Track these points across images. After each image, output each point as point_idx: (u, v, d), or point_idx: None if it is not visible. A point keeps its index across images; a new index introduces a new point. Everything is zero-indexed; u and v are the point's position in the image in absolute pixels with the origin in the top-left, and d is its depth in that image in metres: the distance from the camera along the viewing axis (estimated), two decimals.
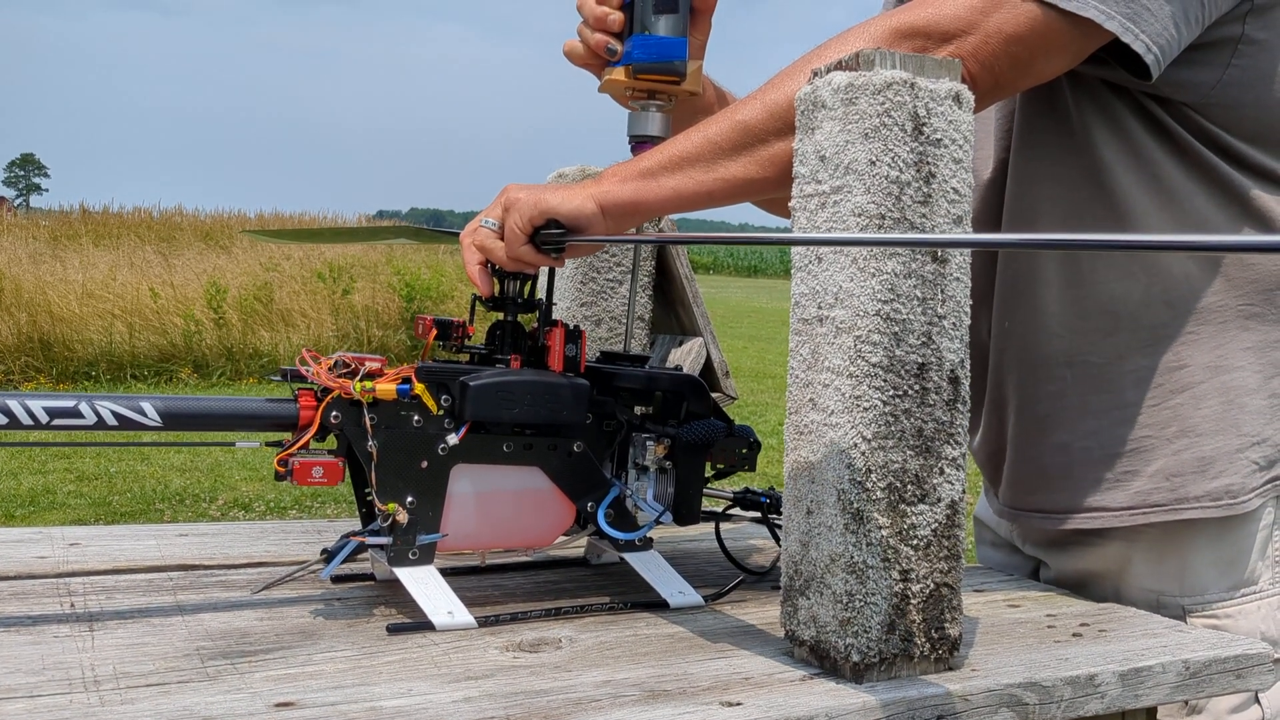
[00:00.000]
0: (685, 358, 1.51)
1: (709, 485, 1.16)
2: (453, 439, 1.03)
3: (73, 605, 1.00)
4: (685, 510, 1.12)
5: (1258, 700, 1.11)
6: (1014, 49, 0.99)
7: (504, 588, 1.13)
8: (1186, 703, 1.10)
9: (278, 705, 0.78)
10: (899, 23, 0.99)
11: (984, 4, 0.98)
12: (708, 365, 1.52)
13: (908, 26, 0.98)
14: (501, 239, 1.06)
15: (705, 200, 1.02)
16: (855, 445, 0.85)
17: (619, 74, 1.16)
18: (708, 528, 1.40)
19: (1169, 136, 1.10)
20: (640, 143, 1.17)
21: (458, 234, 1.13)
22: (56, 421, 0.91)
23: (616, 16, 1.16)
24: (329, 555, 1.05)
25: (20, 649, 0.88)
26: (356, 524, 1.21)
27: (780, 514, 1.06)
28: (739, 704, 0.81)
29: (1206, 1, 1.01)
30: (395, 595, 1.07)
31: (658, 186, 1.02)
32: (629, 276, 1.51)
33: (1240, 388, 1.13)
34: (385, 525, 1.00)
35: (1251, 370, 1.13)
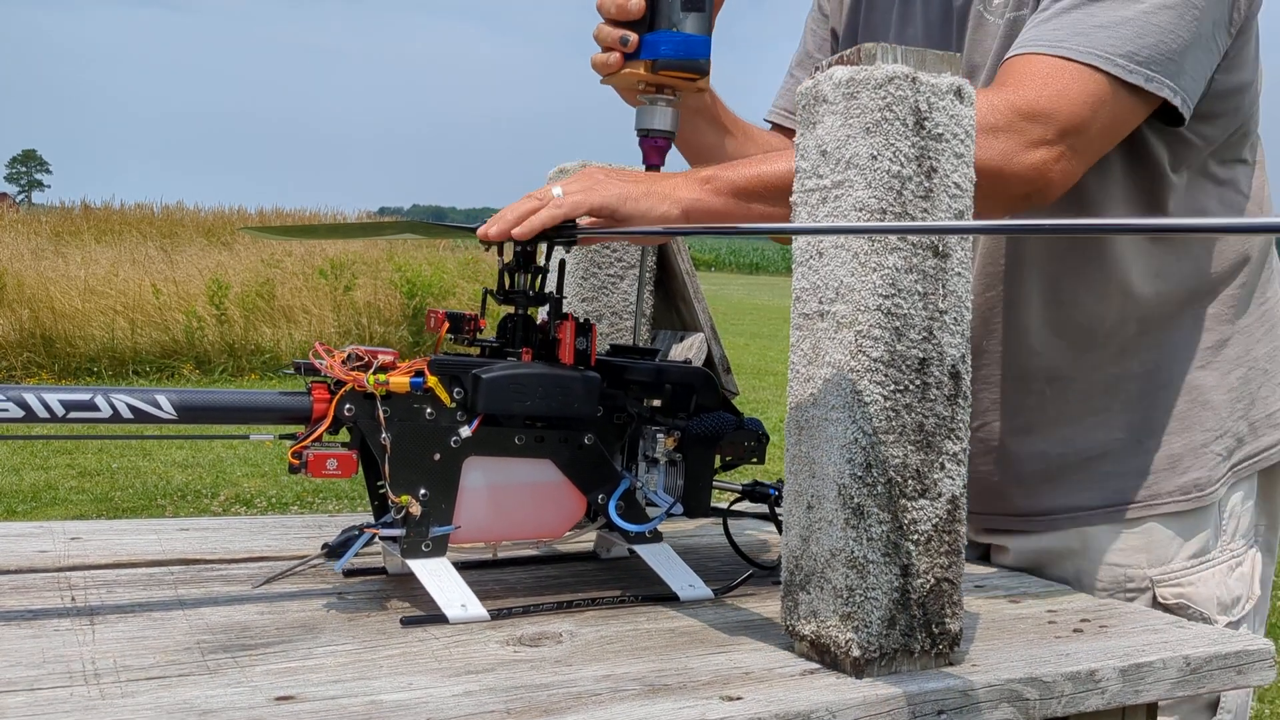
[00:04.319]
0: (687, 353, 1.51)
1: (717, 478, 1.16)
2: (465, 431, 1.03)
3: (73, 599, 1.00)
4: (695, 502, 1.12)
5: None
6: (1110, 140, 1.06)
7: (505, 582, 1.13)
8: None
9: (278, 699, 0.78)
10: (1021, 101, 1.01)
11: (1096, 99, 1.01)
12: (709, 361, 1.52)
13: (1028, 107, 1.00)
14: (555, 209, 1.04)
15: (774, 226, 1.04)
16: (856, 440, 0.85)
17: (640, 68, 1.16)
18: (708, 522, 1.40)
19: (1152, 164, 1.16)
20: (648, 137, 1.18)
21: (465, 228, 1.13)
22: (72, 415, 0.90)
23: (638, 3, 1.14)
24: (330, 549, 1.05)
25: (21, 642, 0.88)
26: (357, 519, 1.21)
27: None
28: (739, 698, 0.81)
29: (1216, 49, 1.09)
30: (397, 589, 1.07)
31: (748, 210, 1.05)
32: (630, 271, 1.51)
33: (1202, 386, 1.21)
34: (398, 518, 1.00)
35: (1212, 369, 1.21)
